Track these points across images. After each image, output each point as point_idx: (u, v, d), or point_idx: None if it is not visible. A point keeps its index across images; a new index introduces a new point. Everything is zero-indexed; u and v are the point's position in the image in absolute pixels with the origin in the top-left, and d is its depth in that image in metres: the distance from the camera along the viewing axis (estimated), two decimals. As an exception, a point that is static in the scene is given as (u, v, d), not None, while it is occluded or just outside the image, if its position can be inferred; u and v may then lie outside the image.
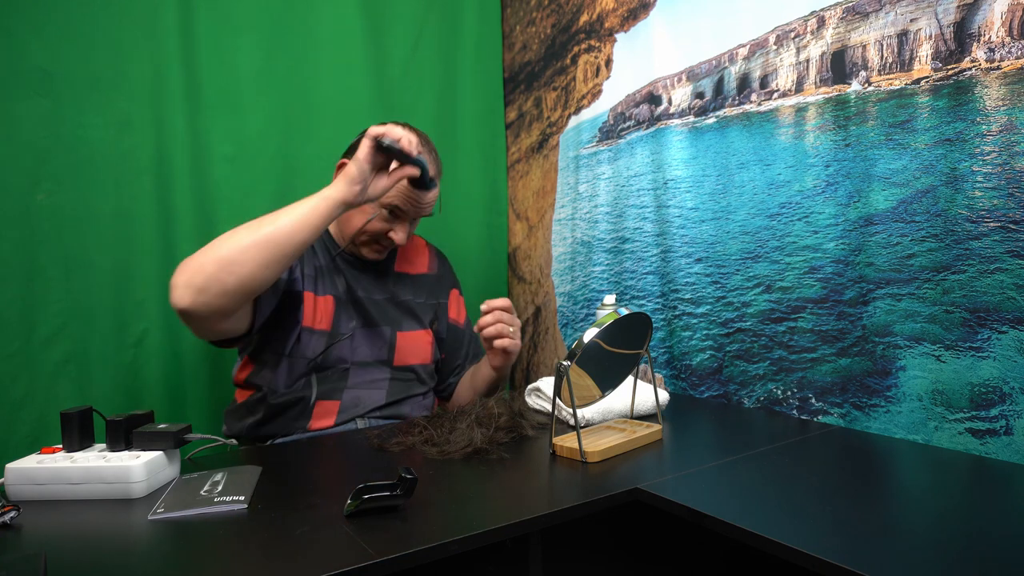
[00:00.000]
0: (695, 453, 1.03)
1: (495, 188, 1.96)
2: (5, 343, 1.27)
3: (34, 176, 1.31)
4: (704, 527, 0.74)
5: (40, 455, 0.90)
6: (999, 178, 0.93)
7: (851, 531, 0.69)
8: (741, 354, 1.29)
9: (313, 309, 1.27)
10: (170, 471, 0.92)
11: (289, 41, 1.58)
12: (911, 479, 0.91)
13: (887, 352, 1.06)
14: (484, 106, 1.92)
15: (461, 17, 1.86)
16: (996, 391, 0.93)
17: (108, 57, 1.37)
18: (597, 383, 1.04)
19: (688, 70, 1.42)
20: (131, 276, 1.40)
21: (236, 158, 1.52)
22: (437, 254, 1.51)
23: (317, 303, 1.28)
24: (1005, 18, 0.92)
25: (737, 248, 1.30)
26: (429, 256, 1.48)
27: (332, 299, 1.30)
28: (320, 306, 1.28)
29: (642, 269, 1.53)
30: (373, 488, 0.76)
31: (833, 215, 1.14)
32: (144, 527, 0.76)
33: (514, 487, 0.89)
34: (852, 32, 1.12)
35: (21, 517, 0.77)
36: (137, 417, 0.94)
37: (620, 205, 1.60)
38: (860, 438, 1.05)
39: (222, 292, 1.03)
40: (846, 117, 1.13)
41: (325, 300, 1.29)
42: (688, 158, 1.42)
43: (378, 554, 0.65)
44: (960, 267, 0.97)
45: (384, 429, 1.14)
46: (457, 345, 1.47)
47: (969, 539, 0.68)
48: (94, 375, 1.36)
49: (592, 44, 1.66)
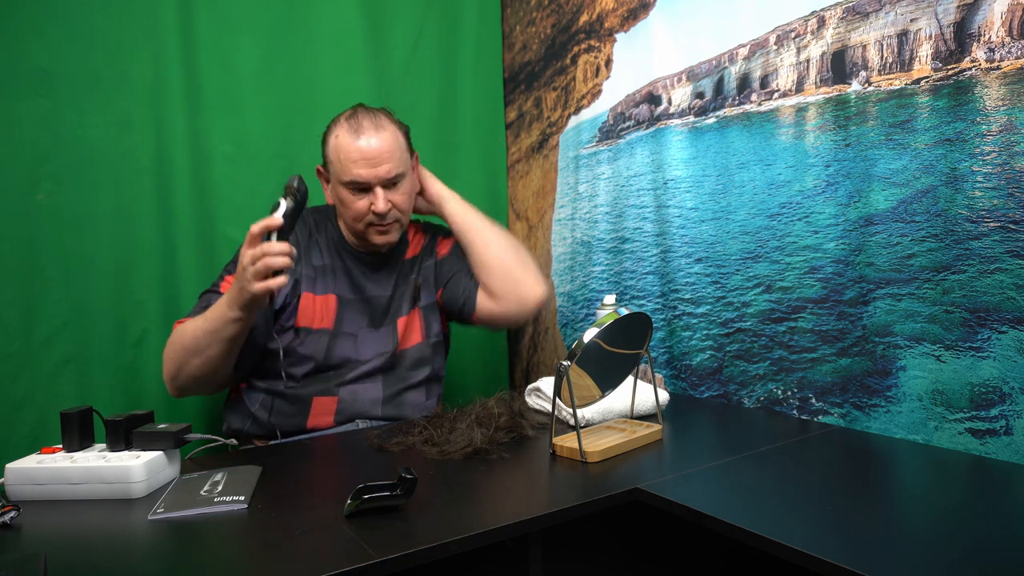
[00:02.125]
0: (695, 453, 1.03)
1: (495, 188, 1.96)
2: (5, 343, 1.27)
3: (34, 176, 1.31)
4: (704, 527, 0.74)
5: (40, 455, 0.90)
6: (999, 178, 0.93)
7: (851, 531, 0.69)
8: (741, 354, 1.29)
9: (312, 308, 1.27)
10: (170, 471, 0.92)
11: (289, 41, 1.58)
12: (911, 479, 0.91)
13: (887, 352, 1.06)
14: (484, 106, 1.92)
15: (461, 17, 1.86)
16: (996, 391, 0.93)
17: (108, 57, 1.37)
18: (597, 383, 1.04)
19: (688, 70, 1.42)
20: (131, 276, 1.40)
21: (236, 158, 1.52)
22: (423, 227, 1.47)
23: (316, 302, 1.28)
24: (1005, 18, 0.92)
25: (737, 248, 1.30)
26: (423, 234, 1.45)
27: (334, 298, 1.30)
28: (319, 305, 1.28)
29: (642, 269, 1.53)
30: (373, 488, 0.76)
31: (833, 215, 1.14)
32: (144, 527, 0.76)
33: (514, 487, 0.89)
34: (852, 32, 1.12)
35: (21, 517, 0.77)
36: (137, 417, 0.94)
37: (620, 205, 1.60)
38: (860, 438, 1.05)
39: (192, 376, 1.18)
40: (846, 117, 1.13)
41: (325, 299, 1.29)
42: (688, 158, 1.42)
43: (378, 554, 0.65)
44: (960, 267, 0.97)
45: (384, 429, 1.14)
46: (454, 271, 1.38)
47: (969, 539, 0.68)
48: (94, 375, 1.36)
49: (592, 44, 1.66)
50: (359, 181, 1.24)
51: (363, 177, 1.24)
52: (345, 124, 1.26)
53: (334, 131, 1.27)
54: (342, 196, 1.27)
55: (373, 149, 1.23)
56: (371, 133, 1.24)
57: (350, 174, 1.23)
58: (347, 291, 1.32)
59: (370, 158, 1.23)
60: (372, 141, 1.24)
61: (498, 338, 1.96)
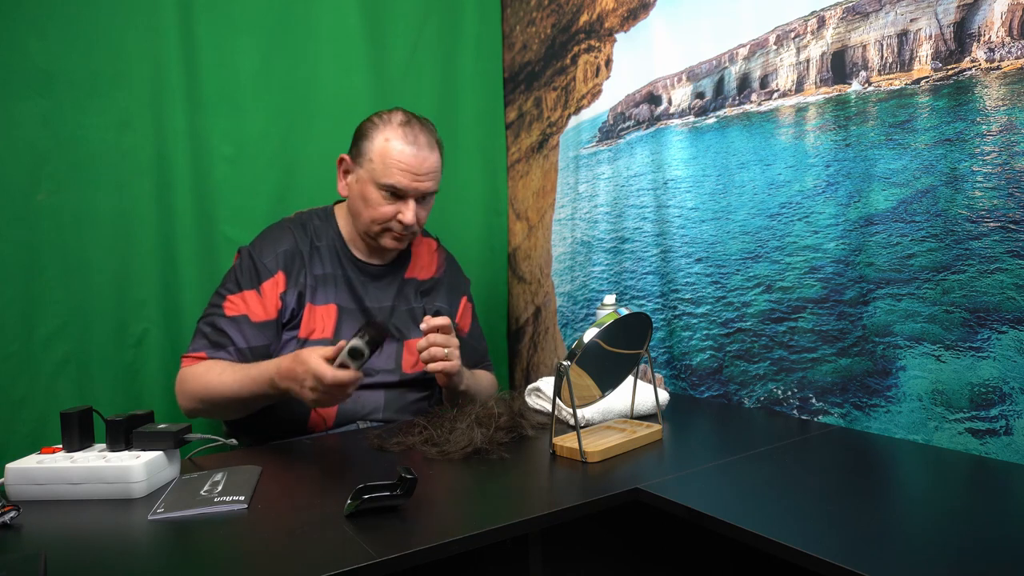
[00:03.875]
0: (695, 453, 1.03)
1: (495, 188, 1.96)
2: (5, 343, 1.27)
3: (34, 176, 1.31)
4: (704, 527, 0.74)
5: (40, 455, 0.90)
6: (999, 178, 0.93)
7: (851, 531, 0.69)
8: (741, 354, 1.29)
9: (312, 319, 1.25)
10: (170, 471, 0.92)
11: (289, 41, 1.58)
12: (911, 479, 0.91)
13: (887, 352, 1.06)
14: (484, 106, 1.92)
15: (461, 17, 1.86)
16: (996, 391, 0.93)
17: (108, 57, 1.37)
18: (597, 383, 1.04)
19: (688, 70, 1.42)
20: (131, 276, 1.40)
21: (236, 158, 1.52)
22: (447, 258, 1.49)
23: (315, 312, 1.26)
24: (1005, 18, 0.92)
25: (737, 248, 1.30)
26: (439, 261, 1.45)
27: (335, 308, 1.28)
28: (319, 315, 1.26)
29: (642, 269, 1.53)
30: (373, 488, 0.76)
31: (833, 215, 1.14)
32: (144, 527, 0.76)
33: (514, 487, 0.89)
34: (852, 32, 1.12)
35: (21, 517, 0.77)
36: (137, 417, 0.94)
37: (620, 205, 1.60)
38: (860, 438, 1.05)
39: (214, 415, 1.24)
40: (846, 117, 1.13)
41: (326, 309, 1.27)
42: (688, 158, 1.42)
43: (378, 554, 0.65)
44: (960, 267, 0.97)
45: (384, 429, 1.14)
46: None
47: (969, 539, 0.68)
48: (94, 375, 1.36)
49: (592, 44, 1.66)
50: (400, 189, 1.24)
51: (404, 186, 1.24)
52: (400, 131, 1.25)
53: (383, 132, 1.25)
54: (370, 196, 1.25)
55: (424, 165, 1.25)
56: (426, 149, 1.26)
57: (393, 179, 1.23)
58: (347, 301, 1.30)
59: (418, 173, 1.24)
60: (425, 156, 1.25)
61: (498, 338, 1.96)
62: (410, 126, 1.26)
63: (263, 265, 1.24)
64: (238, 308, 1.21)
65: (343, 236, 1.34)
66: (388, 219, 1.26)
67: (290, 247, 1.28)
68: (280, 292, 1.24)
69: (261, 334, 1.21)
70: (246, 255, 1.26)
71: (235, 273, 1.25)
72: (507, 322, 1.99)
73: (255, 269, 1.24)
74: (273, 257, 1.26)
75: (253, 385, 1.11)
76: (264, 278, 1.24)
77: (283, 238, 1.29)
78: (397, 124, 1.26)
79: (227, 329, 1.20)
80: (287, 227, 1.31)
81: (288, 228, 1.31)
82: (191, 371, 1.18)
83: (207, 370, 1.16)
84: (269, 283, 1.24)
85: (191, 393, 1.17)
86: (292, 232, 1.30)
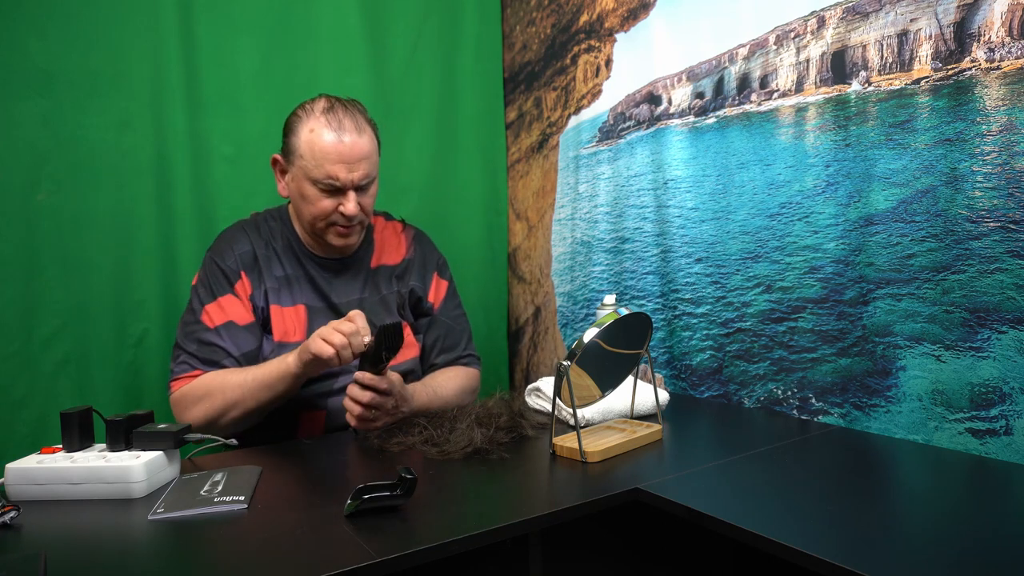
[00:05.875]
0: (695, 453, 1.03)
1: (495, 188, 1.96)
2: (5, 343, 1.27)
3: (34, 176, 1.31)
4: (704, 527, 0.74)
5: (40, 455, 0.90)
6: (999, 178, 0.93)
7: (851, 531, 0.69)
8: (741, 354, 1.29)
9: (283, 321, 1.23)
10: (170, 471, 0.92)
11: (289, 41, 1.58)
12: (911, 479, 0.91)
13: (887, 352, 1.06)
14: (484, 106, 1.92)
15: (461, 17, 1.86)
16: (996, 391, 0.93)
17: (108, 57, 1.37)
18: (597, 383, 1.04)
19: (688, 70, 1.42)
20: (131, 276, 1.41)
21: (236, 158, 1.52)
22: (415, 236, 1.42)
23: (285, 315, 1.23)
24: (1005, 18, 0.92)
25: (737, 248, 1.30)
26: (407, 241, 1.40)
27: (304, 308, 1.25)
28: (289, 317, 1.23)
29: (642, 269, 1.53)
30: (373, 488, 0.76)
31: (833, 215, 1.14)
32: (144, 527, 0.76)
33: (514, 487, 0.89)
34: (852, 32, 1.12)
35: (21, 517, 0.77)
36: (137, 417, 0.94)
37: (620, 205, 1.60)
38: (860, 438, 1.05)
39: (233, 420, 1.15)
40: (846, 117, 1.13)
41: (295, 310, 1.24)
42: (688, 158, 1.42)
43: (378, 554, 0.65)
44: (960, 267, 0.97)
45: (384, 429, 1.14)
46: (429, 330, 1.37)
47: (969, 539, 0.68)
48: (94, 375, 1.37)
49: (592, 44, 1.66)
50: (334, 182, 1.17)
51: (339, 179, 1.17)
52: (322, 119, 1.17)
53: (307, 123, 1.18)
54: (307, 193, 1.19)
55: (354, 151, 1.17)
56: (354, 133, 1.17)
57: (325, 173, 1.16)
58: (314, 299, 1.26)
59: (349, 160, 1.16)
60: (354, 141, 1.17)
61: (498, 338, 1.96)
62: (334, 112, 1.18)
63: (228, 267, 1.22)
64: (220, 316, 1.18)
65: (299, 235, 1.29)
66: (330, 213, 1.20)
67: (247, 248, 1.25)
68: (248, 294, 1.22)
69: (251, 337, 1.20)
70: (209, 261, 1.23)
71: (205, 283, 1.21)
72: (507, 322, 1.99)
73: (223, 273, 1.21)
74: (234, 259, 1.23)
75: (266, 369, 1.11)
76: (234, 280, 1.21)
77: (239, 239, 1.26)
78: (320, 112, 1.18)
79: (216, 341, 1.17)
80: (242, 228, 1.28)
81: (243, 229, 1.28)
82: (192, 389, 1.14)
83: (213, 379, 1.14)
84: (239, 285, 1.22)
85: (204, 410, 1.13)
86: (247, 233, 1.27)
